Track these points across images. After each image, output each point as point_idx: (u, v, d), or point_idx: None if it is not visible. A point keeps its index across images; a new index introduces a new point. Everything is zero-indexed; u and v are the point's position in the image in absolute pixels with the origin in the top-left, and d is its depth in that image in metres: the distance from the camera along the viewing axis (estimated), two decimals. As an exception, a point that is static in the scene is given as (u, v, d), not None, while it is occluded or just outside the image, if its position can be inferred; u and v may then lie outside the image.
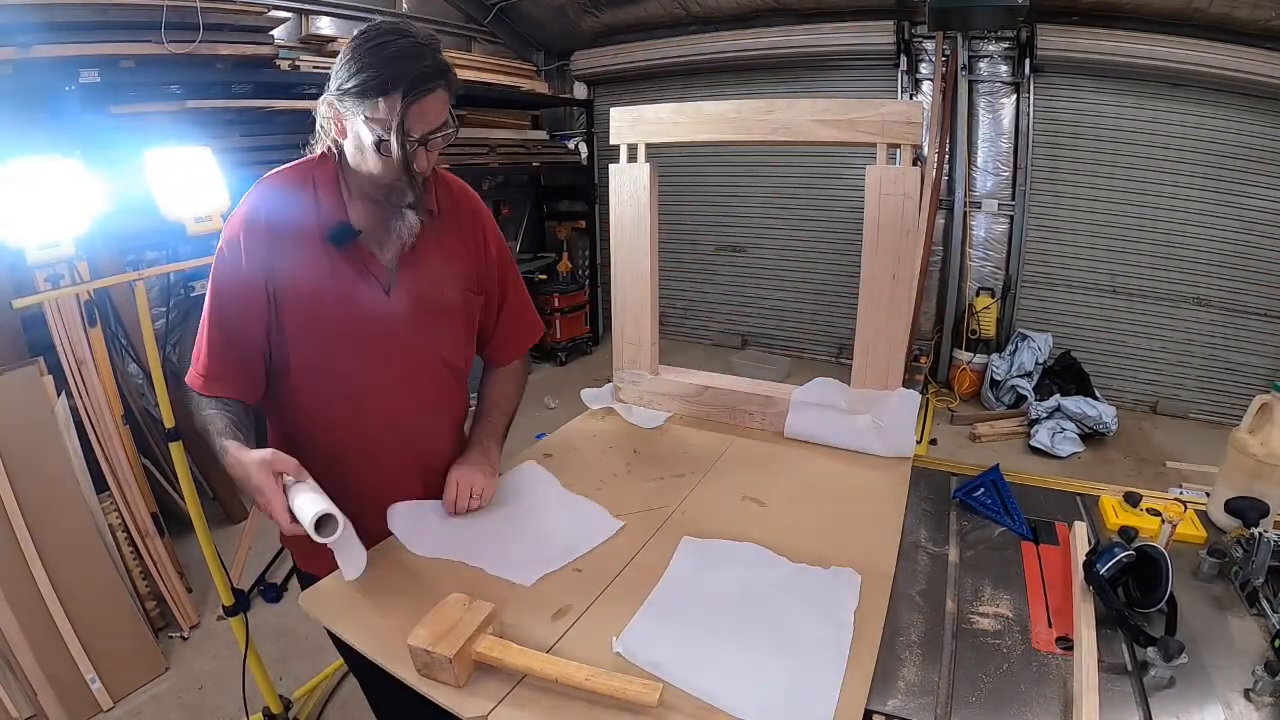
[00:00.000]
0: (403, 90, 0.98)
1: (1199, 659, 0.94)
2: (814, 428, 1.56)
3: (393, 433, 1.23)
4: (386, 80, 0.98)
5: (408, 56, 0.99)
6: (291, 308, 1.11)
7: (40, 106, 2.68)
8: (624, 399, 1.81)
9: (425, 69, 1.00)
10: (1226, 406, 4.46)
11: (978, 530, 1.29)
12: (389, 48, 0.99)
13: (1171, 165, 4.30)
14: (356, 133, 1.04)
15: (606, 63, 5.60)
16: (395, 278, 1.16)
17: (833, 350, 5.68)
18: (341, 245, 1.10)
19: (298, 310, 1.12)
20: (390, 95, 0.98)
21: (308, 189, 1.12)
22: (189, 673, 2.35)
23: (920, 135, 1.52)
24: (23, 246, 1.43)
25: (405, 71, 0.98)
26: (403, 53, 0.99)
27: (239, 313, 1.11)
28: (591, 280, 6.10)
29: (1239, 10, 3.74)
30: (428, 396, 1.26)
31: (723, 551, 1.19)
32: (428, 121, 1.03)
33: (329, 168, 1.14)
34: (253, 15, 3.20)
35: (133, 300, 1.74)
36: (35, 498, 2.13)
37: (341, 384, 1.17)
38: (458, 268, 1.25)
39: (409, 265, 1.17)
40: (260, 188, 1.13)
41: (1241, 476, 1.24)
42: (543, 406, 4.69)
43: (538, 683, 0.90)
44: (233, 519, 3.27)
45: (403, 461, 1.25)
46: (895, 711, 0.88)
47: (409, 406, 1.23)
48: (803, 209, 5.47)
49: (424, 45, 1.02)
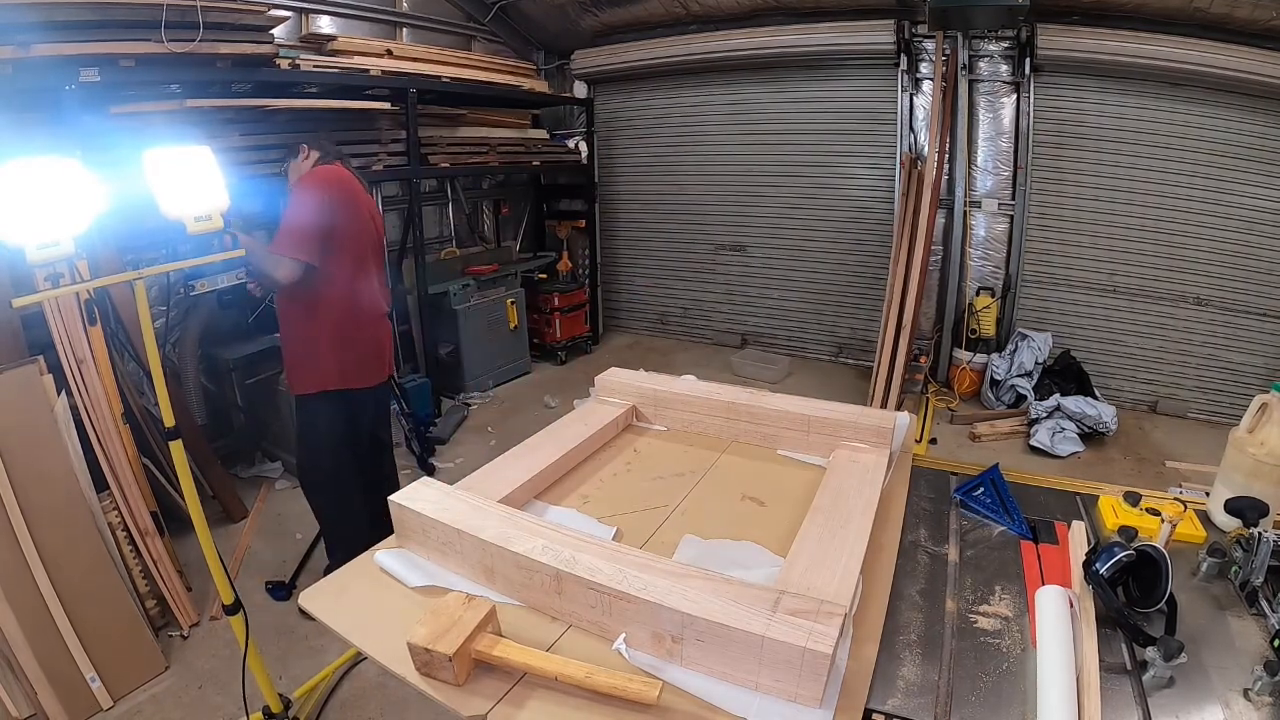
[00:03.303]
0: None
1: (1198, 659, 0.95)
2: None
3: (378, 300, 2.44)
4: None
5: None
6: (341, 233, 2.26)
7: (40, 106, 2.68)
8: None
9: None
10: (1226, 406, 4.47)
11: (977, 530, 1.30)
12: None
13: (1172, 165, 4.30)
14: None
15: (606, 62, 5.60)
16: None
17: (832, 350, 5.68)
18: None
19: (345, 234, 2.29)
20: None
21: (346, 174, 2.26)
22: (189, 672, 2.35)
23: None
24: (22, 246, 1.42)
25: None
26: None
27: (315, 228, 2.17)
28: (591, 279, 6.10)
29: (1239, 10, 3.74)
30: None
31: (723, 551, 1.19)
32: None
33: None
34: (253, 14, 3.20)
35: (132, 299, 1.74)
36: (35, 497, 2.13)
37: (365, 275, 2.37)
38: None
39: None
40: (324, 174, 2.31)
41: (1241, 476, 1.24)
42: (542, 406, 4.69)
43: (537, 681, 0.90)
44: (232, 518, 3.27)
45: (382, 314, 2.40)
46: (895, 710, 0.88)
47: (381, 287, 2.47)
48: (804, 209, 5.47)
49: None
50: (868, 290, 5.31)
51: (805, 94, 5.22)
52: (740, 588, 0.94)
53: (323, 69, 3.73)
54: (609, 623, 0.97)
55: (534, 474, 1.40)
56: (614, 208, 6.26)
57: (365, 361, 2.45)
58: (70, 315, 2.49)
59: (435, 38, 5.10)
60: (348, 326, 2.35)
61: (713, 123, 5.61)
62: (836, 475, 1.36)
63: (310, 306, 2.30)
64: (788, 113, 5.31)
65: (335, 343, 2.33)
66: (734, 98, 5.47)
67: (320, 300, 2.29)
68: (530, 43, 5.90)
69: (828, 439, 1.53)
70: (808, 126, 5.27)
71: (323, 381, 2.36)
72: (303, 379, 2.39)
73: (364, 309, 2.41)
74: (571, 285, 5.82)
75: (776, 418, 1.59)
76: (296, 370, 2.41)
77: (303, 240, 2.17)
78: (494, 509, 1.17)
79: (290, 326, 2.39)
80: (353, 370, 2.40)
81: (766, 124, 5.41)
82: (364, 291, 2.41)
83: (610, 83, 5.85)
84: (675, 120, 5.77)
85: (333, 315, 2.32)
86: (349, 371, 2.39)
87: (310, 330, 2.33)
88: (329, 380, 2.36)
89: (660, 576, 0.96)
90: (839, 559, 1.07)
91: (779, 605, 0.90)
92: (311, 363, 2.35)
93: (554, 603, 1.02)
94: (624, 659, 0.92)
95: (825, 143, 5.25)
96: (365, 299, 2.41)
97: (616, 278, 6.50)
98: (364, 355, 2.43)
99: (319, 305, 2.29)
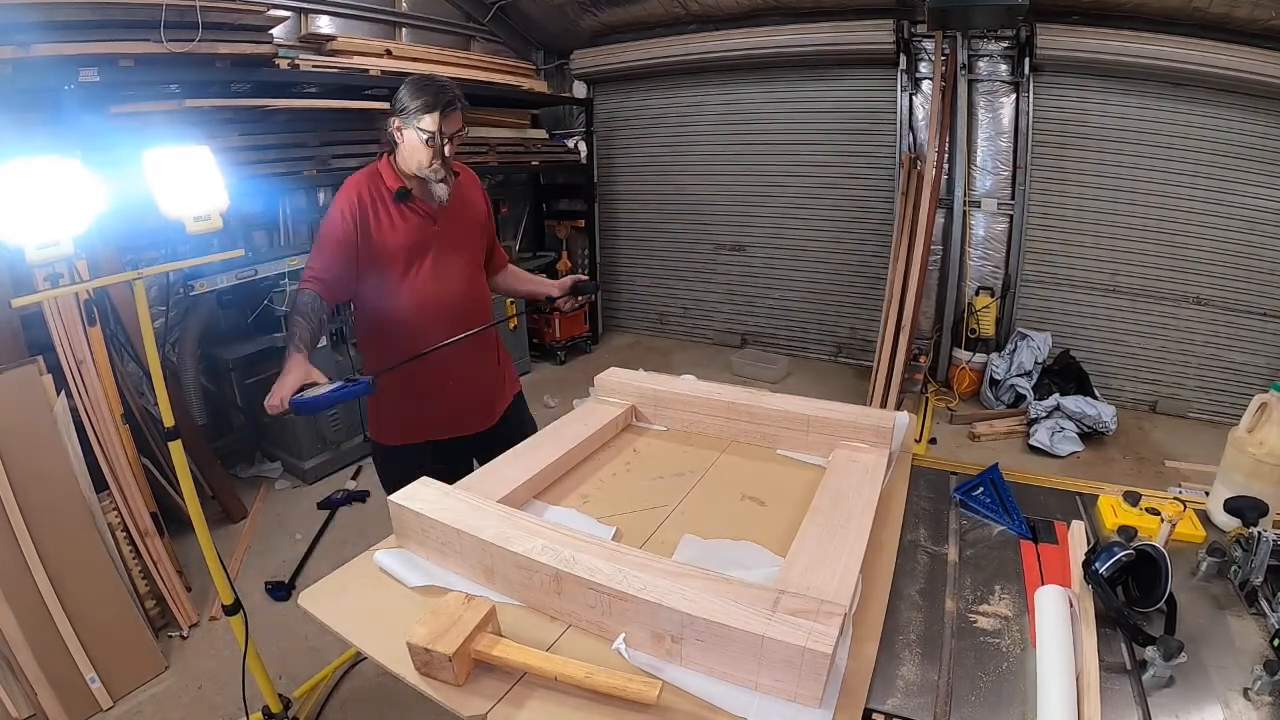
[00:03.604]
0: (440, 108, 1.70)
1: (1198, 658, 0.95)
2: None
3: (440, 311, 1.85)
4: (430, 103, 1.70)
5: (441, 91, 1.71)
6: (378, 240, 1.78)
7: (40, 105, 2.67)
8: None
9: (450, 98, 1.72)
10: (1226, 406, 4.47)
11: (977, 529, 1.30)
12: (432, 84, 1.72)
13: (1173, 165, 4.29)
14: (411, 136, 1.73)
15: (606, 61, 5.59)
16: (438, 217, 1.84)
17: (832, 350, 5.68)
18: (403, 201, 1.80)
19: (383, 240, 1.78)
20: (433, 112, 1.70)
21: (375, 178, 1.81)
22: (188, 672, 2.35)
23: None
24: (22, 246, 1.42)
25: (441, 98, 1.70)
26: (440, 88, 1.72)
27: (334, 247, 1.74)
28: (591, 278, 6.09)
29: (1239, 10, 3.74)
30: (458, 287, 1.91)
31: (723, 550, 1.19)
32: (452, 125, 1.74)
33: (387, 162, 1.81)
34: (252, 14, 3.19)
35: (132, 299, 1.74)
36: (35, 497, 2.13)
37: (411, 283, 1.82)
38: (473, 211, 1.98)
39: (446, 210, 1.85)
40: (354, 179, 1.80)
41: (1240, 476, 1.24)
42: (542, 406, 4.69)
43: (537, 681, 0.90)
44: (232, 518, 3.27)
45: (449, 330, 1.81)
46: (895, 710, 0.88)
47: (447, 293, 1.87)
48: (804, 209, 5.46)
49: (448, 84, 1.75)
50: (867, 290, 5.30)
51: (805, 94, 5.21)
52: (740, 587, 0.94)
53: (322, 69, 3.73)
54: (609, 623, 0.97)
55: (534, 474, 1.40)
56: (613, 207, 6.26)
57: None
58: (70, 315, 2.49)
59: (435, 38, 5.10)
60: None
61: (712, 122, 5.61)
62: (836, 475, 1.36)
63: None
64: (787, 112, 5.31)
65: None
66: (733, 97, 5.47)
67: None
68: (529, 43, 5.90)
69: (827, 439, 1.53)
70: (807, 126, 5.27)
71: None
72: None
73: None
74: (571, 285, 5.82)
75: (776, 417, 1.59)
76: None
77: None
78: (493, 509, 1.16)
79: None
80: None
81: (766, 124, 5.40)
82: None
83: (609, 82, 5.85)
84: (674, 120, 5.76)
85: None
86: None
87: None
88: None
89: (660, 576, 0.96)
90: (839, 559, 1.07)
91: (779, 605, 0.90)
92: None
93: (554, 603, 1.02)
94: (624, 659, 0.92)
95: (825, 142, 5.25)
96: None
97: (616, 277, 6.49)
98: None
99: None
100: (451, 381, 1.91)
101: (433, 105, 1.68)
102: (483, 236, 2.03)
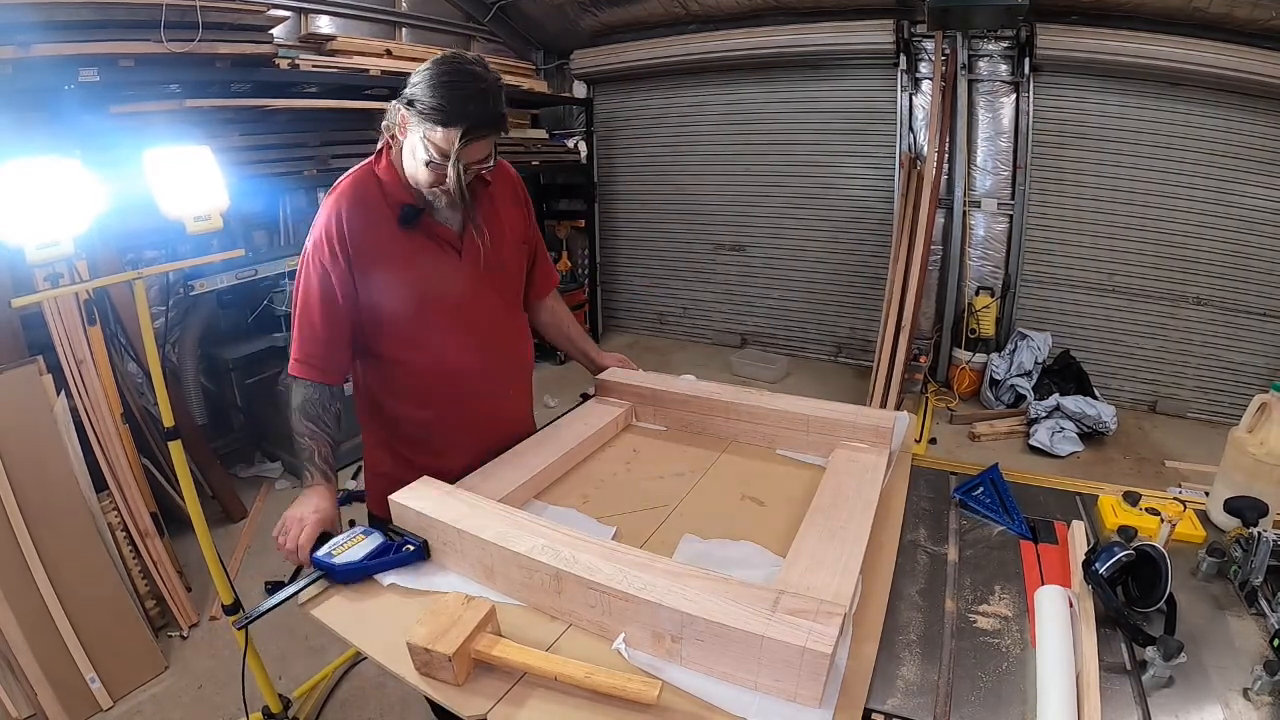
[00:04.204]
0: (462, 130, 1.17)
1: (1198, 658, 0.95)
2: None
3: (466, 371, 1.43)
4: (453, 116, 1.16)
5: (476, 102, 1.17)
6: (379, 282, 1.30)
7: (39, 105, 2.68)
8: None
9: (485, 118, 1.19)
10: (1225, 406, 4.47)
11: (977, 529, 1.30)
12: (465, 89, 1.17)
13: (1172, 165, 4.30)
14: (415, 142, 1.22)
15: (606, 61, 5.59)
16: (464, 244, 1.37)
17: (832, 350, 5.68)
18: (410, 225, 1.31)
19: (385, 282, 1.31)
20: (450, 129, 1.17)
21: (372, 187, 1.31)
22: (188, 672, 2.35)
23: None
24: (22, 246, 1.42)
25: (469, 115, 1.17)
26: (472, 97, 1.17)
27: (319, 317, 1.30)
28: (590, 279, 6.10)
29: (1239, 10, 3.74)
30: (492, 335, 1.46)
31: (722, 550, 1.19)
32: (472, 156, 1.23)
33: (386, 160, 1.32)
34: (252, 14, 3.20)
35: (132, 299, 1.74)
36: (35, 497, 2.13)
37: (428, 334, 1.37)
38: (510, 231, 1.48)
39: (473, 234, 1.37)
40: (330, 201, 1.30)
41: (1240, 476, 1.24)
42: (542, 405, 4.69)
43: (537, 681, 0.90)
44: (232, 518, 3.27)
45: (477, 390, 1.45)
46: (894, 710, 0.88)
47: (477, 347, 1.43)
48: (804, 209, 5.46)
49: (490, 93, 1.19)
50: (867, 290, 5.30)
51: (805, 94, 5.21)
52: (740, 587, 0.94)
53: (322, 69, 3.73)
54: (608, 622, 0.97)
55: (534, 473, 1.39)
56: (613, 207, 6.26)
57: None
58: (70, 315, 2.49)
59: (435, 38, 5.10)
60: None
61: (712, 122, 5.61)
62: (836, 475, 1.36)
63: None
64: (787, 112, 5.31)
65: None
66: (733, 97, 5.47)
67: None
68: (530, 42, 5.90)
69: (827, 439, 1.53)
70: (807, 126, 5.27)
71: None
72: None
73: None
74: (570, 285, 5.82)
75: (776, 417, 1.59)
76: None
77: None
78: (493, 508, 1.16)
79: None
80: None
81: (766, 123, 5.40)
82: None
83: (609, 82, 5.85)
84: (675, 120, 5.76)
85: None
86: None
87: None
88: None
89: (660, 576, 0.96)
90: (838, 559, 1.07)
91: (778, 605, 0.90)
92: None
93: (553, 602, 1.02)
94: (624, 659, 0.92)
95: (824, 142, 5.25)
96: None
97: (616, 277, 6.49)
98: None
99: None
100: (479, 446, 1.46)
101: (453, 120, 1.16)
102: (522, 258, 1.55)
